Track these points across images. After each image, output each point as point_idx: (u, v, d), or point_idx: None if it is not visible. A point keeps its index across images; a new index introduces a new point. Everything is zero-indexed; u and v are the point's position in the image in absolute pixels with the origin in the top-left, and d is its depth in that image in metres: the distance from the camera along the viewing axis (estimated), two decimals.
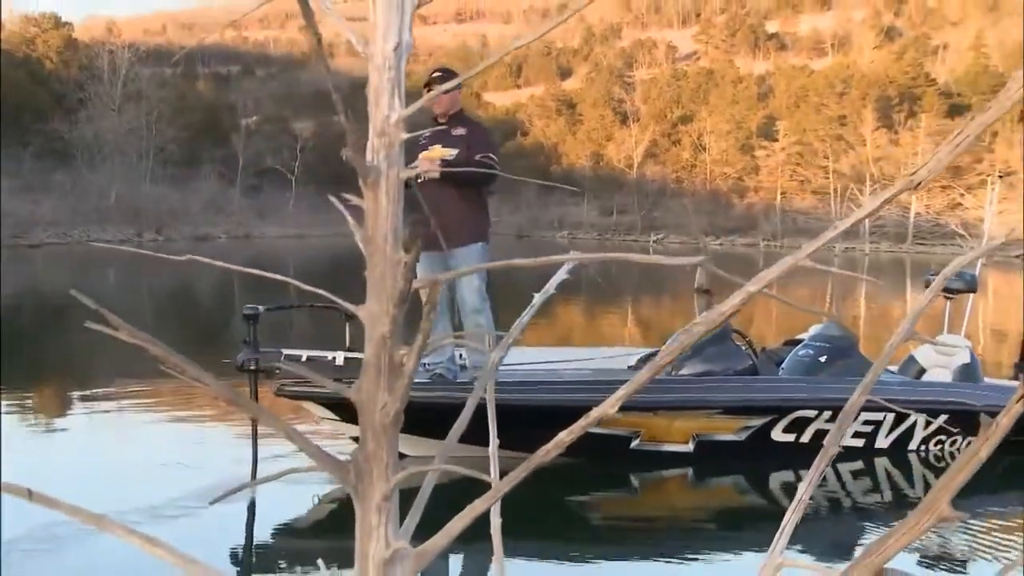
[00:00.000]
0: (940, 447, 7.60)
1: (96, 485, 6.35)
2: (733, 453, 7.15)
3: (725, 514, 6.60)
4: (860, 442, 7.42)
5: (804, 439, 7.20)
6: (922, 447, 7.60)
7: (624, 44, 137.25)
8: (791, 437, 7.20)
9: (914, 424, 7.48)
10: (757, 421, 7.15)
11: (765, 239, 68.46)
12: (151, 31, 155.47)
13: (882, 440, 7.50)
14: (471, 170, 6.72)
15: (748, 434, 7.15)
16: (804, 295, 23.41)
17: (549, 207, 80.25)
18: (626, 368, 7.82)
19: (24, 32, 71.58)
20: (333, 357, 6.58)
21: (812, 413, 7.15)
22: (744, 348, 7.61)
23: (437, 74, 6.93)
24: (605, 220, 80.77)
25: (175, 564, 1.38)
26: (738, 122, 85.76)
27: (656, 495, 7.00)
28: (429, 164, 6.77)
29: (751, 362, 7.48)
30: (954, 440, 7.58)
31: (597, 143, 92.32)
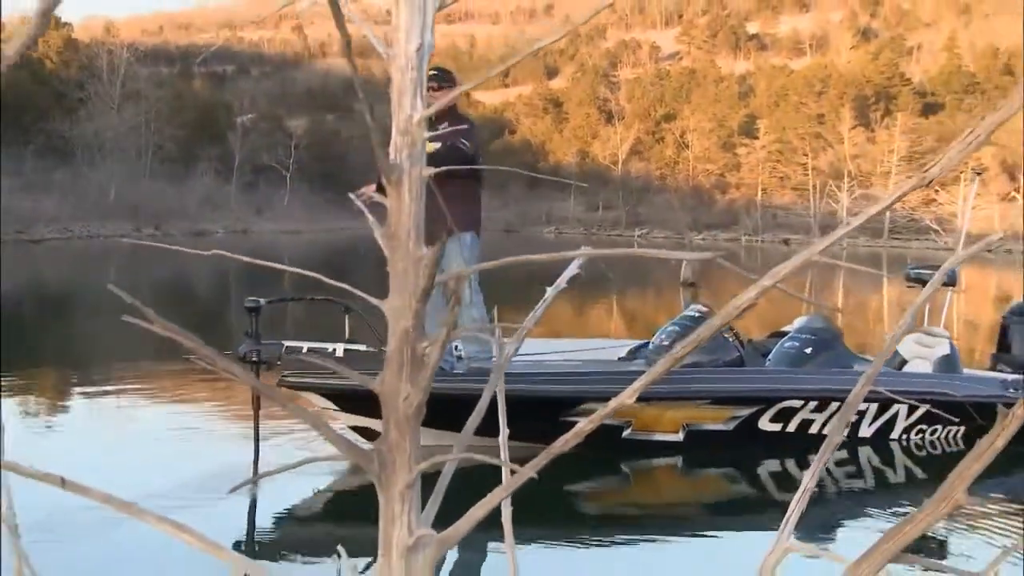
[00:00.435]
0: (921, 436, 7.62)
1: (95, 474, 6.31)
2: (722, 442, 7.17)
3: (715, 501, 6.62)
4: (844, 431, 7.43)
5: (790, 428, 7.23)
6: (904, 436, 7.62)
7: (609, 45, 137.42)
8: (778, 426, 7.23)
9: (896, 414, 7.50)
10: (745, 411, 7.16)
11: (746, 234, 68.69)
12: (148, 31, 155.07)
13: (865, 429, 7.52)
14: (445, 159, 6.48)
15: (736, 423, 7.17)
16: (787, 286, 23.38)
17: (536, 203, 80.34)
18: (615, 360, 7.83)
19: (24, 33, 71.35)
20: (333, 349, 6.56)
21: (798, 403, 7.18)
22: (731, 340, 7.62)
23: (433, 73, 6.91)
24: (591, 215, 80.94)
25: (204, 550, 1.38)
26: (720, 120, 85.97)
27: (647, 483, 7.00)
28: None
29: (738, 354, 7.49)
30: (935, 429, 7.60)
31: (583, 141, 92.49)
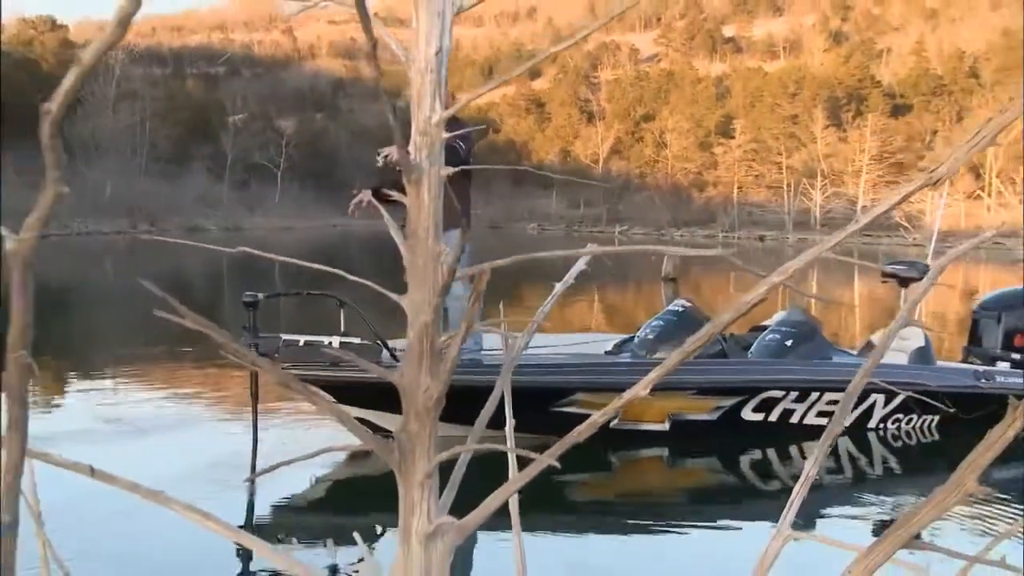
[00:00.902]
0: (897, 425, 7.65)
1: (96, 463, 6.27)
2: (706, 432, 7.19)
3: (699, 489, 6.63)
4: (824, 420, 7.45)
5: (772, 418, 7.25)
6: (880, 425, 7.65)
7: (590, 47, 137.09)
8: (760, 416, 7.25)
9: (873, 404, 7.53)
10: (729, 401, 7.18)
11: (723, 230, 68.74)
12: (141, 33, 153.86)
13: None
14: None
15: (720, 413, 7.19)
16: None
17: (520, 200, 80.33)
18: (602, 353, 7.82)
19: (22, 34, 70.88)
20: (329, 342, 6.54)
21: (780, 393, 7.20)
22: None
23: None
24: (573, 212, 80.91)
25: (227, 536, 1.40)
26: (697, 120, 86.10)
27: (633, 472, 7.00)
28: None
29: (721, 346, 7.50)
30: (911, 419, 7.63)
31: (565, 140, 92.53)
